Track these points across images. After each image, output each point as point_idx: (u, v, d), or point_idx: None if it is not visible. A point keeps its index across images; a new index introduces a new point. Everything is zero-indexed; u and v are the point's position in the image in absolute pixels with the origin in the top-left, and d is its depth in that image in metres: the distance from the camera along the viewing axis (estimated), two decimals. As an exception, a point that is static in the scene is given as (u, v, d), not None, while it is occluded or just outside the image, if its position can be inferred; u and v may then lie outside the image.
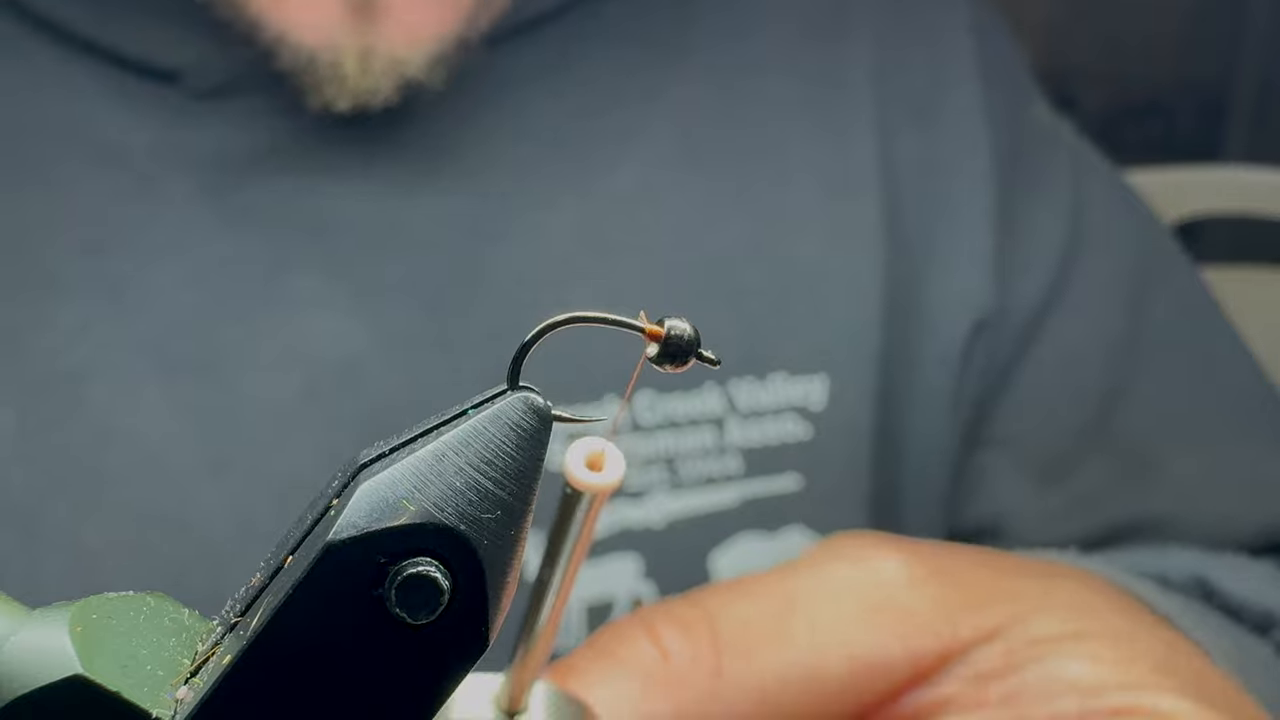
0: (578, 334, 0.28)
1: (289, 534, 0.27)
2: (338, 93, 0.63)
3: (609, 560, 0.67)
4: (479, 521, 0.27)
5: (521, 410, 0.27)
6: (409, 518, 0.26)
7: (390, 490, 0.26)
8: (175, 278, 0.65)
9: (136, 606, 0.27)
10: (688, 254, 0.70)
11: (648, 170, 0.71)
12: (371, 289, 0.66)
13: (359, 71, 0.63)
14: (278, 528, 0.64)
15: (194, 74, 0.66)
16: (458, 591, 0.26)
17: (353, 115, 0.65)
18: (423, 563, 0.26)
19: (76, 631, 0.25)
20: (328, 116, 0.65)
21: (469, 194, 0.68)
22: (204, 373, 0.65)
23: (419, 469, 0.27)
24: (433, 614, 0.26)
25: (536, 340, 0.27)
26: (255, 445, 0.64)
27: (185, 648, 0.27)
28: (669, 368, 0.27)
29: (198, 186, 0.66)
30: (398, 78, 0.64)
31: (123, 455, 0.63)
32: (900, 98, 0.75)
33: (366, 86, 0.63)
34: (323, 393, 0.65)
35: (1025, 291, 0.75)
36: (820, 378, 0.70)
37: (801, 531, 0.70)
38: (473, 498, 0.27)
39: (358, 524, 0.26)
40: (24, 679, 0.25)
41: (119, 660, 0.26)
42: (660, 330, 0.27)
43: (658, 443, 0.68)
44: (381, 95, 0.64)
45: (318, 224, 0.67)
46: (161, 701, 0.25)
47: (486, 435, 0.27)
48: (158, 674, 0.26)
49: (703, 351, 0.27)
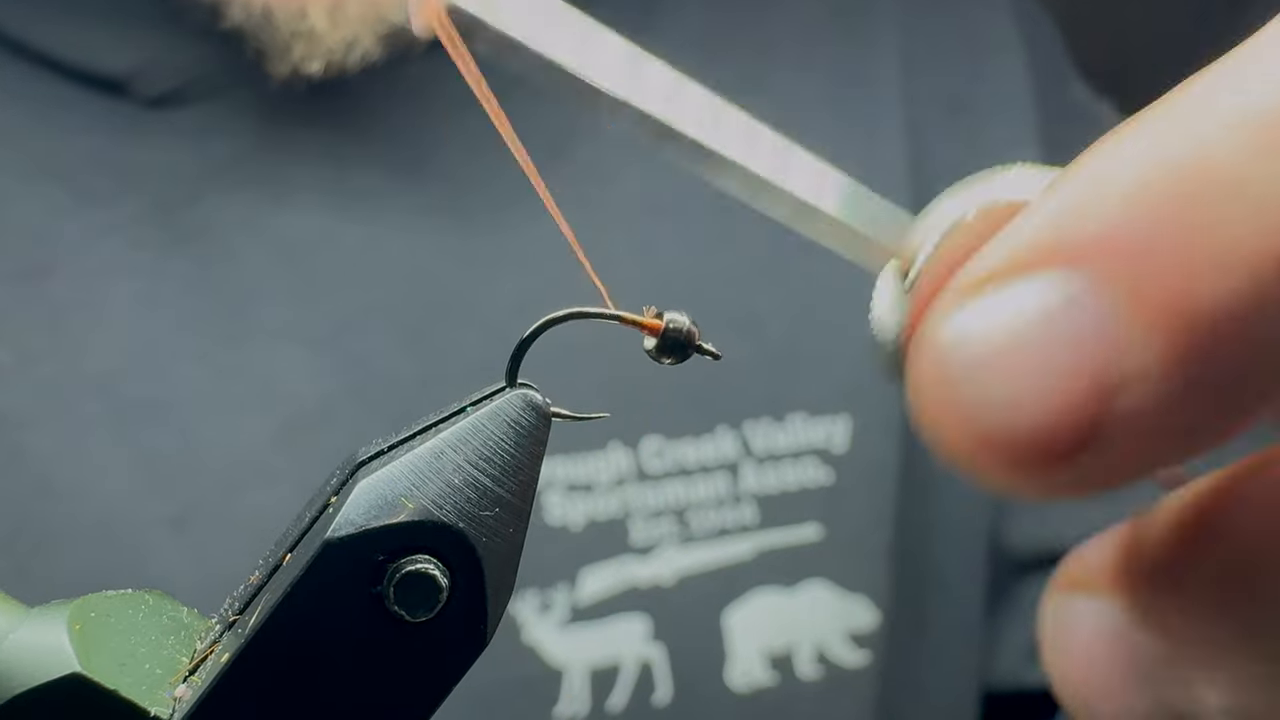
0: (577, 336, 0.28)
1: (288, 532, 0.27)
2: (307, 51, 0.56)
3: (615, 621, 0.63)
4: (477, 519, 0.26)
5: (520, 407, 0.27)
6: (407, 515, 0.26)
7: (389, 488, 0.26)
8: (124, 306, 0.59)
9: (135, 604, 0.27)
10: (694, 272, 0.65)
11: (651, 178, 0.66)
12: (344, 319, 0.60)
13: (330, 22, 0.56)
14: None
15: (142, 80, 0.60)
16: (456, 589, 0.26)
17: (326, 85, 0.57)
18: (421, 560, 0.26)
19: (75, 629, 0.25)
20: (297, 102, 0.57)
21: (451, 209, 0.63)
22: (159, 415, 0.59)
23: (417, 466, 0.27)
24: (431, 611, 0.26)
25: (536, 336, 0.27)
26: (220, 496, 0.59)
27: (184, 646, 0.27)
28: (667, 361, 0.27)
29: (148, 203, 0.60)
30: (379, 25, 0.56)
31: (69, 511, 0.57)
32: (932, 92, 0.70)
33: (342, 38, 0.56)
34: (293, 438, 0.59)
35: None
36: (843, 418, 0.66)
37: (822, 585, 0.66)
38: (471, 495, 0.26)
39: (356, 521, 0.26)
40: (22, 677, 0.25)
41: (117, 658, 0.26)
42: (659, 324, 0.27)
43: (667, 492, 0.63)
44: (361, 49, 0.56)
45: (282, 244, 0.60)
46: (160, 699, 0.25)
47: (485, 432, 0.27)
48: (156, 672, 0.26)
49: (702, 344, 0.27)
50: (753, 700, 0.64)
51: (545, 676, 0.61)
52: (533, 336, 0.27)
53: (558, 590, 0.61)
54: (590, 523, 0.62)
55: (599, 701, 0.62)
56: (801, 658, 0.65)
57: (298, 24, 0.56)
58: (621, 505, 0.63)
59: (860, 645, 0.66)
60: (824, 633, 0.65)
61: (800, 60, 0.69)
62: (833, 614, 0.65)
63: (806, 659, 0.65)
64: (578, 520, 0.62)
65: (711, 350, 0.27)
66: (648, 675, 0.63)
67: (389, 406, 0.61)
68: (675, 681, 0.63)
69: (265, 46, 0.57)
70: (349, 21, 0.56)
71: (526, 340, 0.27)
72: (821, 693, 0.64)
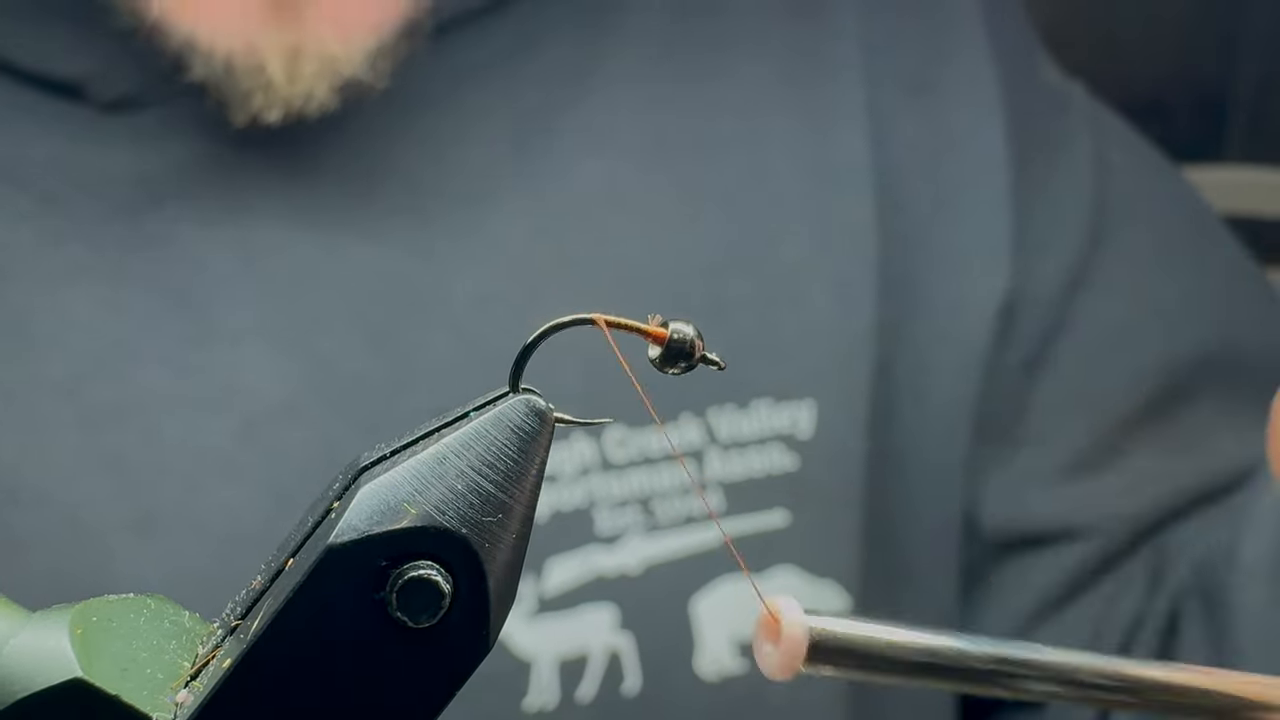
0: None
1: (290, 537, 0.27)
2: (265, 102, 0.57)
3: (582, 612, 0.63)
4: (480, 525, 0.27)
5: (523, 413, 0.27)
6: (410, 521, 0.26)
7: (391, 493, 0.26)
8: (87, 309, 0.59)
9: (137, 609, 0.27)
10: (659, 264, 0.65)
11: (613, 170, 0.65)
12: (308, 319, 0.61)
13: (287, 75, 0.57)
14: (216, 588, 0.61)
15: (98, 84, 0.60)
16: (459, 595, 0.26)
17: (285, 128, 0.58)
18: (424, 566, 0.26)
19: (76, 634, 0.25)
20: (256, 131, 0.59)
21: (414, 209, 0.63)
22: (123, 418, 0.58)
23: (420, 472, 0.27)
24: (434, 617, 0.26)
25: (539, 342, 0.27)
26: (185, 497, 0.58)
27: (185, 651, 0.27)
28: (671, 370, 0.27)
29: (109, 207, 0.60)
30: (333, 78, 0.57)
31: (33, 516, 0.57)
32: (894, 74, 0.70)
33: (298, 91, 0.57)
34: (259, 438, 0.59)
35: (1050, 271, 0.69)
36: (807, 404, 0.66)
37: (790, 571, 0.66)
38: (474, 501, 0.27)
39: (359, 527, 0.26)
40: (24, 682, 0.25)
41: (119, 663, 0.26)
42: (664, 333, 0.27)
43: (631, 481, 0.63)
44: (317, 100, 0.58)
45: (245, 246, 0.61)
46: (161, 705, 0.26)
47: (488, 438, 0.27)
48: (158, 677, 0.26)
49: (707, 354, 0.27)
50: (722, 688, 0.64)
51: (513, 669, 0.62)
52: (536, 342, 0.28)
53: (524, 582, 0.61)
54: (555, 513, 0.62)
55: (568, 692, 0.62)
56: None
57: (257, 77, 0.56)
58: (586, 495, 0.63)
59: None
60: None
61: (758, 45, 0.69)
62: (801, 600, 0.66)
63: None
64: (542, 511, 0.62)
65: (716, 360, 0.28)
66: (616, 665, 0.63)
67: (353, 405, 0.61)
68: (644, 671, 0.64)
69: (226, 97, 0.58)
70: (304, 76, 0.57)
71: (530, 346, 0.28)
72: (792, 679, 0.64)
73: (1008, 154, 0.69)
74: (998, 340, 0.69)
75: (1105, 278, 0.70)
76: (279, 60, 0.56)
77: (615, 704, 0.63)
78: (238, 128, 0.59)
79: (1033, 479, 0.70)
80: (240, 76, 0.57)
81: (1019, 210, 0.69)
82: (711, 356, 0.28)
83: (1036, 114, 0.72)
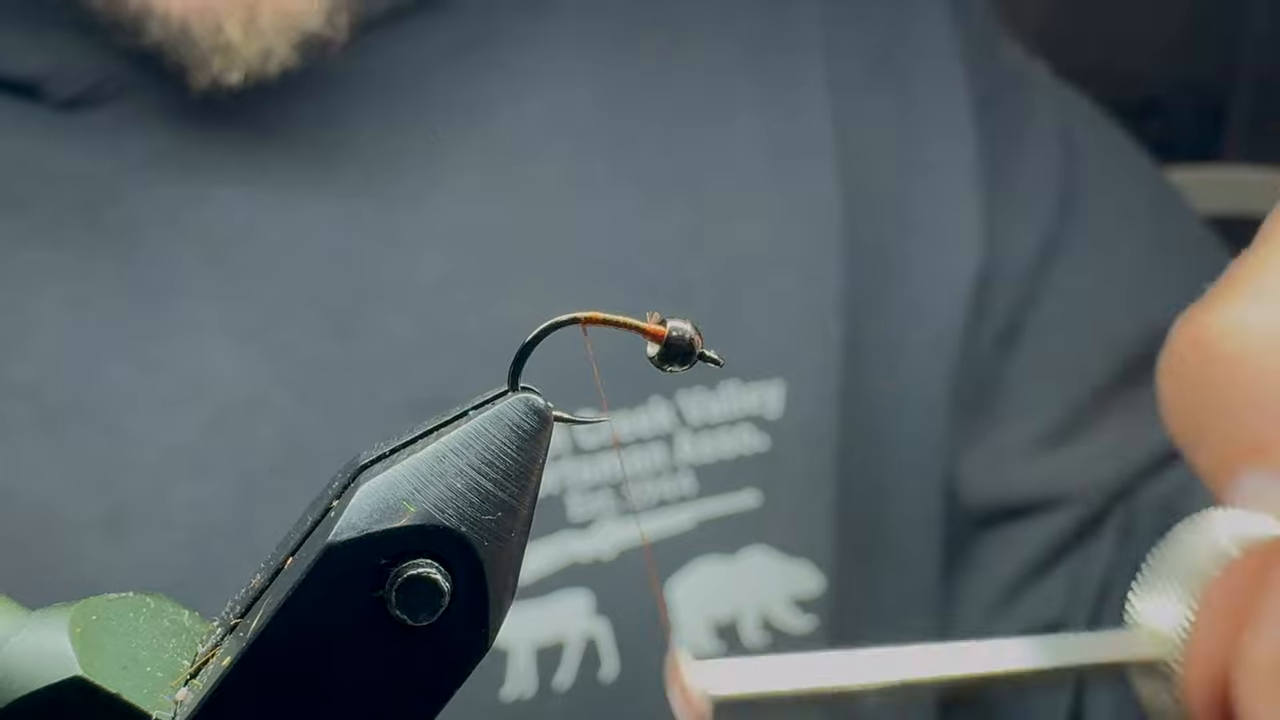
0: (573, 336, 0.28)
1: (289, 535, 0.27)
2: (225, 63, 0.57)
3: (557, 598, 0.63)
4: (479, 523, 0.27)
5: (522, 411, 0.27)
6: (409, 519, 0.26)
7: (391, 492, 0.27)
8: (51, 309, 0.59)
9: (136, 608, 0.27)
10: (622, 247, 0.65)
11: (574, 153, 0.66)
12: (270, 309, 0.61)
13: (245, 33, 0.57)
14: (188, 582, 0.60)
15: (54, 82, 0.60)
16: (458, 593, 0.27)
17: (246, 91, 0.58)
18: (423, 564, 0.26)
19: (76, 633, 0.25)
20: (215, 101, 0.59)
21: (375, 194, 0.63)
22: (89, 415, 0.59)
23: (419, 470, 0.27)
24: (433, 615, 0.26)
25: (538, 341, 0.27)
26: (153, 492, 0.59)
27: (185, 649, 0.27)
28: (671, 369, 0.27)
29: (70, 205, 0.60)
30: (292, 33, 0.58)
31: (1, 516, 0.57)
32: (856, 51, 0.70)
33: (257, 49, 0.57)
34: (227, 430, 0.60)
35: (1022, 244, 0.70)
36: (776, 383, 0.66)
37: (763, 551, 0.66)
38: (473, 499, 0.27)
39: (358, 525, 0.26)
40: (24, 680, 0.25)
41: (119, 662, 0.26)
42: (662, 330, 0.27)
43: (603, 466, 0.64)
44: (277, 58, 0.58)
45: (207, 238, 0.61)
46: (161, 703, 0.26)
47: (487, 436, 0.27)
48: (157, 675, 0.26)
49: (706, 352, 0.27)
50: None
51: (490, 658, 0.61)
52: (535, 341, 0.28)
53: None
54: None
55: (545, 680, 0.63)
56: (746, 625, 0.66)
57: (215, 38, 0.57)
58: (558, 481, 0.63)
59: (805, 610, 0.67)
60: (767, 599, 0.66)
61: (719, 25, 0.70)
62: (775, 580, 0.66)
63: (751, 626, 0.66)
64: None
65: (714, 357, 0.28)
66: (593, 651, 0.64)
67: (319, 393, 0.61)
68: (621, 656, 0.64)
69: (184, 60, 0.58)
70: (263, 33, 0.57)
71: (529, 344, 0.28)
72: None
73: (974, 128, 0.70)
74: (973, 315, 0.69)
75: (1075, 250, 0.71)
76: (236, 18, 0.57)
77: (593, 690, 0.63)
78: (198, 107, 0.59)
79: (1011, 451, 0.70)
80: (198, 37, 0.57)
81: (989, 183, 0.70)
82: (710, 354, 0.28)
83: (1000, 89, 0.72)
